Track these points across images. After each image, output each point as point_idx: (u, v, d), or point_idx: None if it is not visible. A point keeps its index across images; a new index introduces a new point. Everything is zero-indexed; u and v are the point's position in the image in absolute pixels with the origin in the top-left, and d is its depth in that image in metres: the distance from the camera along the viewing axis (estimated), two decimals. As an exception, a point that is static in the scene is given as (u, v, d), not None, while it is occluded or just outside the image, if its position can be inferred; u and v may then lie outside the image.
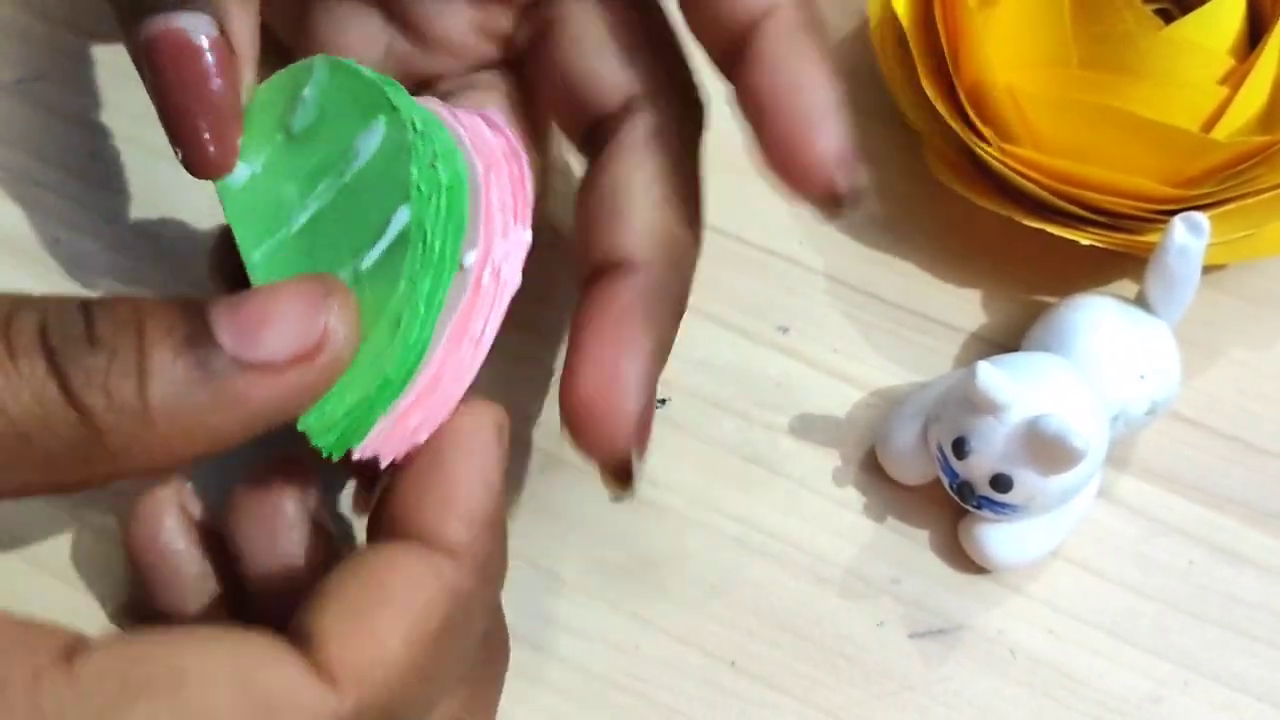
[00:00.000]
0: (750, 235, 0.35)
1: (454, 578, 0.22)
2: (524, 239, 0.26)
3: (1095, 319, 0.31)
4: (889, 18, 0.34)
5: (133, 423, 0.21)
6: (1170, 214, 0.31)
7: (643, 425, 0.26)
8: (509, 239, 0.25)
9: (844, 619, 0.31)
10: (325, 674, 0.21)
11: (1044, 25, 0.32)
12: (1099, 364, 0.30)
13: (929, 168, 0.34)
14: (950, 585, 0.31)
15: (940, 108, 0.33)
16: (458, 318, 0.24)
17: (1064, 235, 0.32)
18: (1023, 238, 0.33)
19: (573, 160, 0.34)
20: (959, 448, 0.29)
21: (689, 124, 0.28)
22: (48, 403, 0.20)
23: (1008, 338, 0.34)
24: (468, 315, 0.24)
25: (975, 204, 0.33)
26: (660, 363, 0.26)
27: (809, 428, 0.33)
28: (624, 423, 0.25)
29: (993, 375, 0.28)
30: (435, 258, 0.24)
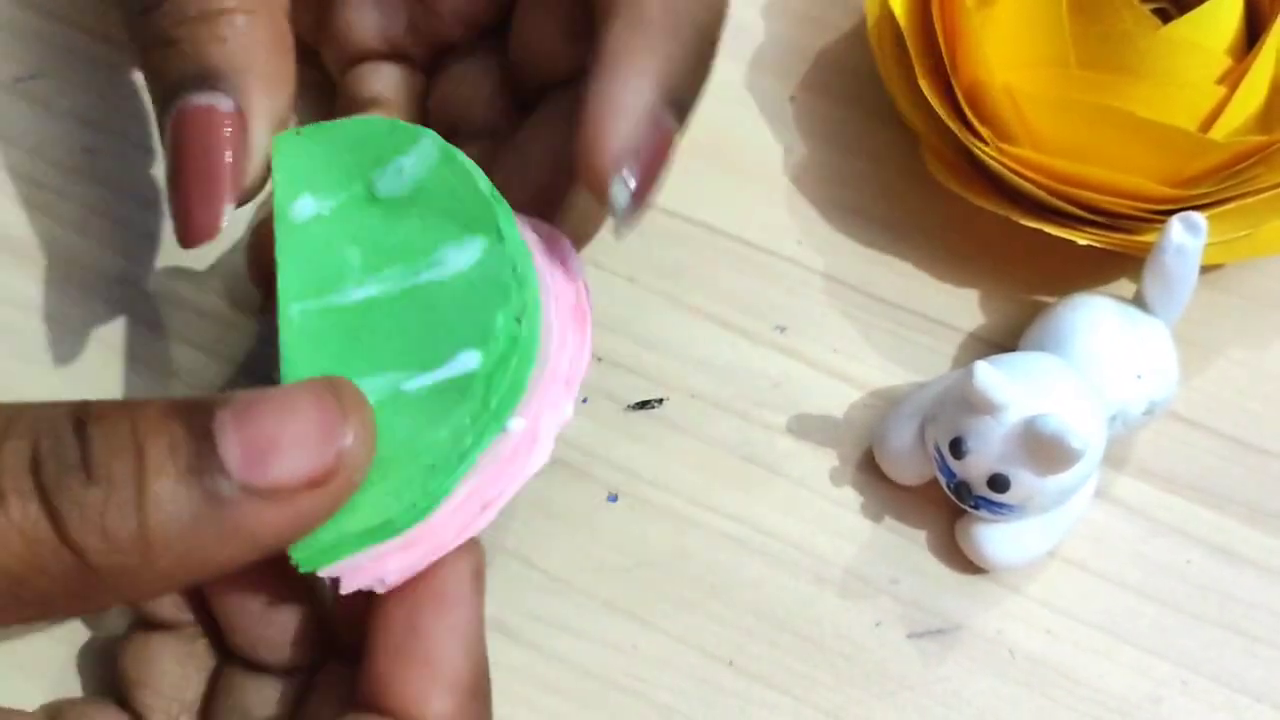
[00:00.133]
0: (749, 235, 0.35)
1: None
2: (567, 413, 0.25)
3: (1093, 319, 0.31)
4: (886, 17, 0.34)
5: (131, 559, 0.20)
6: (1168, 214, 0.31)
7: (644, 149, 0.24)
8: (557, 412, 0.24)
9: (842, 619, 0.31)
10: None
11: (1042, 25, 0.32)
12: (1097, 364, 0.30)
13: (927, 168, 0.34)
14: (948, 585, 0.31)
15: (938, 107, 0.33)
16: (481, 480, 0.23)
17: (1062, 235, 0.32)
18: (1021, 238, 0.33)
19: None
20: (956, 448, 0.29)
21: None
22: (40, 546, 0.19)
23: (1006, 338, 0.34)
24: (492, 479, 0.23)
25: (973, 204, 0.33)
26: (675, 90, 0.25)
27: (807, 428, 0.33)
28: (614, 142, 0.24)
29: (990, 375, 0.28)
30: (488, 417, 0.23)
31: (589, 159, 0.24)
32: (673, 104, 0.25)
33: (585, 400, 0.32)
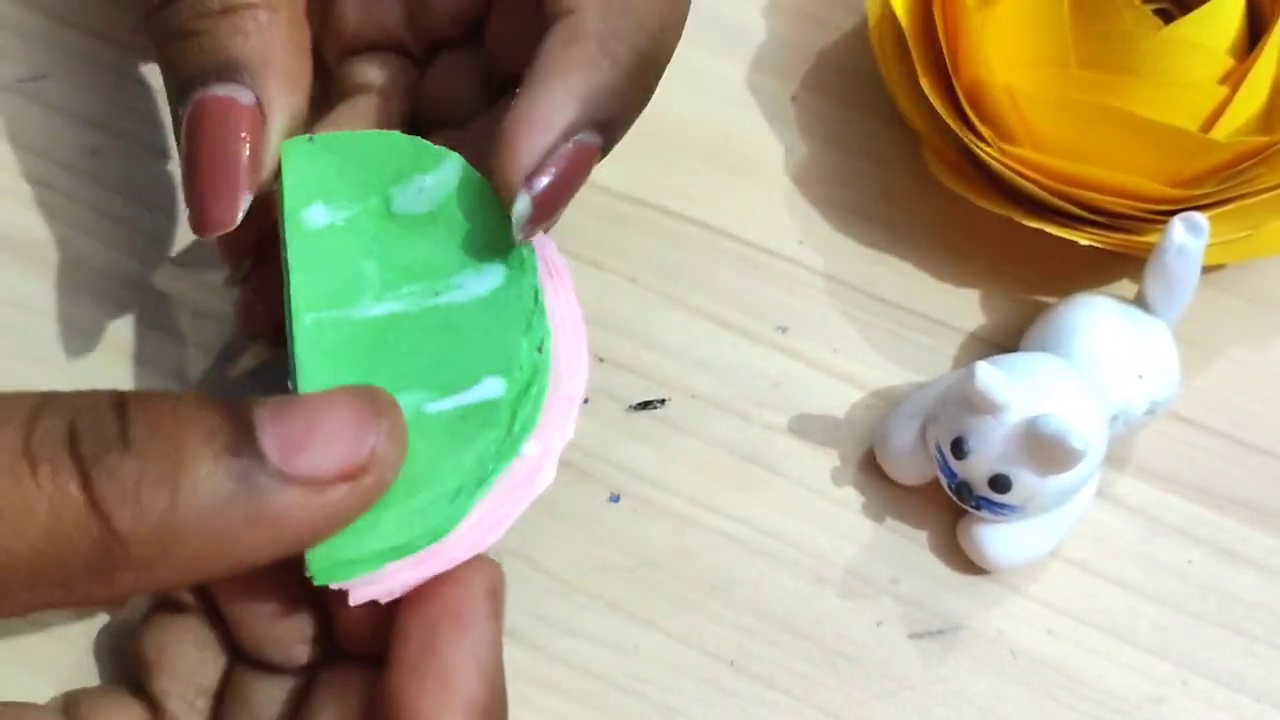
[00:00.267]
0: (750, 235, 0.35)
1: None
2: (570, 433, 0.25)
3: (1094, 319, 0.31)
4: (888, 17, 0.34)
5: (160, 535, 0.20)
6: (1169, 214, 0.31)
7: (557, 165, 0.24)
8: (564, 433, 0.25)
9: (843, 619, 0.31)
10: None
11: (1043, 25, 0.32)
12: (1098, 364, 0.30)
13: (928, 167, 0.34)
14: (949, 585, 0.31)
15: (939, 107, 0.33)
16: (494, 501, 0.23)
17: (1063, 235, 0.32)
18: (1022, 238, 0.33)
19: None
20: (958, 448, 0.29)
21: None
22: (68, 514, 0.19)
23: (1006, 338, 0.34)
24: (504, 501, 0.24)
25: (974, 204, 0.33)
26: (602, 110, 0.25)
27: (808, 428, 0.33)
28: (525, 157, 0.24)
29: (991, 375, 0.28)
30: (510, 443, 0.23)
31: (499, 169, 0.25)
32: (597, 124, 0.25)
33: (587, 401, 0.32)
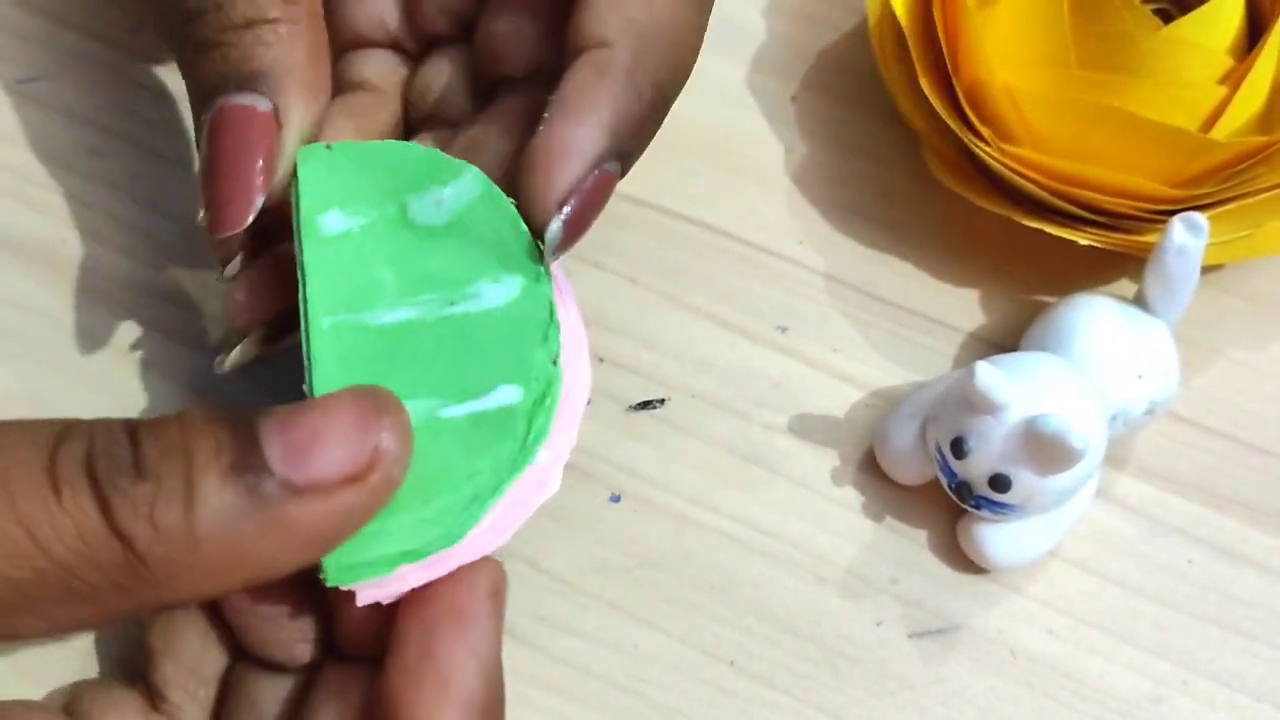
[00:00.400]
0: (750, 235, 0.35)
1: None
2: (574, 439, 0.25)
3: (1094, 319, 0.31)
4: (888, 17, 0.34)
5: (179, 552, 0.20)
6: (1169, 214, 0.31)
7: (585, 192, 0.25)
8: (569, 440, 0.25)
9: (843, 619, 0.31)
10: None
11: (1043, 25, 0.32)
12: (1098, 364, 0.30)
13: (928, 167, 0.34)
14: (949, 585, 0.31)
15: (939, 107, 0.33)
16: (504, 508, 0.24)
17: (1063, 235, 0.32)
18: (1021, 237, 0.33)
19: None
20: (957, 447, 0.29)
21: None
22: (92, 536, 0.20)
23: (1006, 337, 0.34)
24: (513, 507, 0.24)
25: (974, 204, 0.33)
26: (626, 142, 0.26)
27: (808, 428, 0.33)
28: (559, 184, 0.25)
29: (991, 375, 0.28)
30: (524, 452, 0.23)
31: (533, 193, 0.25)
32: (620, 154, 0.26)
33: (589, 403, 0.32)
